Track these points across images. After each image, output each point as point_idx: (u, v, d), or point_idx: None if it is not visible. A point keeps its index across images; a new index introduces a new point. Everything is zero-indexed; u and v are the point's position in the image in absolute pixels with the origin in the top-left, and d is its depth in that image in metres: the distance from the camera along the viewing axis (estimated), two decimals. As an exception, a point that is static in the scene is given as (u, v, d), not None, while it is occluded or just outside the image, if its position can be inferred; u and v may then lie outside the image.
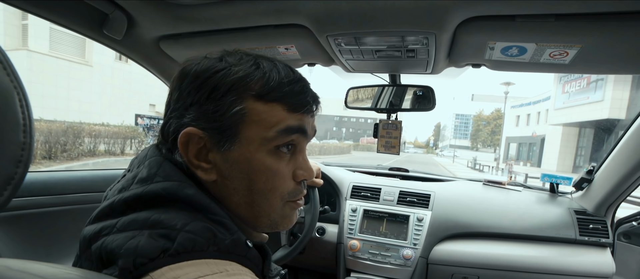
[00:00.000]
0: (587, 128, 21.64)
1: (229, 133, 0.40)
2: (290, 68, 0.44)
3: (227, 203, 0.43)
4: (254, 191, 0.42)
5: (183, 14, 0.78)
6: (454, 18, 0.65)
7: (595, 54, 0.69)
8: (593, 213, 1.25)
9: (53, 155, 7.96)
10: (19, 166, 0.27)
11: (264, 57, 0.44)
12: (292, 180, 0.46)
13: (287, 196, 0.45)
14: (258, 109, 0.41)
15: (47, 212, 0.97)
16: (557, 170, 21.01)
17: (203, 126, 0.40)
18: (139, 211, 0.37)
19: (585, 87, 19.38)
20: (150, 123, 13.36)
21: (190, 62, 0.43)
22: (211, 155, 0.41)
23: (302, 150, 0.47)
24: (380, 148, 1.14)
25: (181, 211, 0.37)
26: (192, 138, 0.40)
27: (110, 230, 0.37)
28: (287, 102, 0.42)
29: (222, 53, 0.44)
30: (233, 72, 0.40)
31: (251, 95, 0.40)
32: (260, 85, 0.41)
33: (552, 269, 1.16)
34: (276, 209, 0.45)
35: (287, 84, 0.42)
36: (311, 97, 0.45)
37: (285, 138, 0.42)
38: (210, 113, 0.40)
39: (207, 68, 0.41)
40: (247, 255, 0.39)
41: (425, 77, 1.02)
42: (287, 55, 0.91)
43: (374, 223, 1.34)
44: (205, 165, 0.41)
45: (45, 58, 12.62)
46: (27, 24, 12.22)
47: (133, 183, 0.40)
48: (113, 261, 0.34)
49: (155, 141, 0.47)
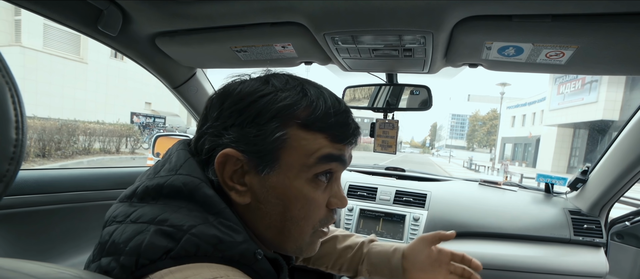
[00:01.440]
0: (581, 129, 21.88)
1: (269, 158, 0.40)
2: (336, 98, 0.44)
3: (256, 226, 0.43)
4: (287, 217, 0.42)
5: (179, 11, 0.77)
6: (451, 17, 0.65)
7: (591, 55, 0.70)
8: (587, 213, 1.26)
9: (47, 153, 7.89)
10: (10, 163, 0.27)
11: (310, 83, 0.43)
12: (325, 207, 0.45)
13: (318, 225, 0.45)
14: (300, 136, 0.40)
15: (40, 211, 0.96)
16: (552, 171, 21.20)
17: (242, 148, 0.39)
18: (154, 201, 0.38)
19: (580, 88, 19.59)
20: (146, 122, 13.30)
21: (234, 81, 0.43)
22: (247, 178, 0.41)
23: (338, 179, 0.47)
24: (377, 147, 1.14)
25: (193, 211, 0.37)
26: (229, 159, 0.40)
27: (124, 218, 0.37)
28: (330, 133, 0.41)
29: (268, 74, 0.43)
30: (280, 99, 0.40)
31: (296, 123, 0.40)
32: (306, 114, 0.40)
33: (547, 268, 1.17)
34: (305, 237, 0.44)
35: (333, 115, 0.41)
36: (354, 129, 0.45)
37: (325, 166, 0.42)
38: (251, 137, 0.39)
39: (253, 91, 0.40)
40: (254, 267, 0.38)
41: (422, 77, 1.02)
42: (283, 54, 0.90)
43: (371, 223, 1.34)
44: (240, 187, 0.41)
45: (39, 55, 12.50)
46: (20, 20, 12.09)
47: (161, 169, 0.41)
48: (114, 252, 0.34)
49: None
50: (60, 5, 0.74)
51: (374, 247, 0.74)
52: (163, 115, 16.90)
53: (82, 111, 13.27)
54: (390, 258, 0.70)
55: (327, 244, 0.76)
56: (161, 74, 1.10)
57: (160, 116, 16.63)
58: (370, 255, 0.73)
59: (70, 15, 0.77)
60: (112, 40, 0.88)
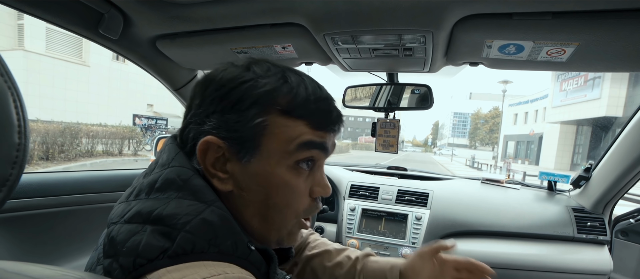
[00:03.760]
0: (584, 126, 21.76)
1: (250, 145, 0.40)
2: (318, 85, 0.44)
3: (241, 215, 0.42)
4: (269, 205, 0.42)
5: (179, 13, 0.77)
6: (451, 16, 0.65)
7: (592, 52, 0.69)
8: (591, 210, 1.25)
9: (50, 156, 7.93)
10: (14, 167, 0.27)
11: (291, 70, 0.43)
12: (309, 196, 0.45)
13: (302, 214, 0.45)
14: (281, 122, 0.40)
15: (43, 214, 0.96)
16: (555, 168, 21.11)
17: (223, 135, 0.40)
18: (147, 196, 0.38)
19: (583, 84, 19.48)
20: (148, 124, 13.34)
21: (216, 69, 0.42)
22: (229, 166, 0.41)
23: (321, 167, 0.47)
24: (378, 147, 1.14)
25: (184, 200, 0.37)
26: (211, 146, 0.40)
27: (119, 218, 0.37)
28: (311, 120, 0.41)
29: (250, 61, 0.43)
30: (260, 85, 0.40)
31: (277, 110, 0.40)
32: (286, 101, 0.40)
33: (550, 267, 1.16)
34: (288, 225, 0.44)
35: (314, 102, 0.41)
36: (336, 116, 0.44)
37: (306, 153, 0.41)
38: (232, 123, 0.39)
39: (234, 77, 0.40)
40: (249, 258, 0.39)
41: (422, 76, 1.02)
42: (284, 54, 0.90)
43: (373, 222, 1.34)
44: (222, 174, 0.41)
45: (42, 59, 12.57)
46: (23, 24, 12.16)
47: (155, 167, 0.41)
48: (113, 254, 0.35)
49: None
50: (62, 9, 0.74)
51: (368, 264, 0.68)
52: (165, 116, 16.96)
53: (84, 114, 13.32)
54: (386, 274, 0.65)
55: (316, 260, 0.70)
56: (162, 76, 1.10)
57: (162, 118, 16.69)
58: (365, 273, 0.67)
59: (72, 19, 0.77)
60: (113, 43, 0.89)
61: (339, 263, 0.69)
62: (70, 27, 0.80)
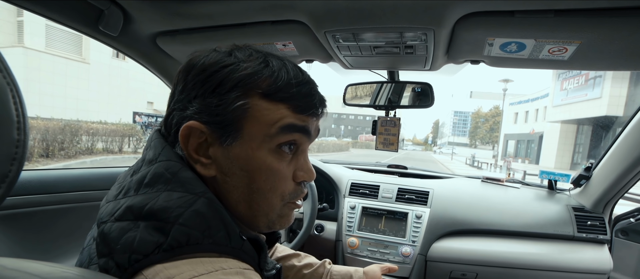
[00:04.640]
0: (585, 125, 21.74)
1: (231, 129, 0.40)
2: (299, 69, 0.44)
3: (226, 201, 0.42)
4: (253, 189, 0.42)
5: (179, 10, 0.77)
6: (453, 14, 0.65)
7: (594, 50, 0.69)
8: (591, 209, 1.25)
9: (50, 153, 7.93)
10: (13, 164, 0.27)
11: (273, 55, 0.43)
12: (292, 180, 0.45)
13: (288, 198, 0.45)
14: (262, 106, 0.40)
15: (43, 211, 0.97)
16: (555, 167, 21.13)
17: (205, 120, 0.39)
18: (135, 193, 0.38)
19: (584, 84, 19.44)
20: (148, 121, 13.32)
21: (198, 54, 0.42)
22: (212, 150, 0.41)
23: (304, 151, 0.47)
24: (379, 145, 1.14)
25: (174, 191, 0.37)
26: (193, 131, 0.40)
27: (110, 217, 0.37)
28: (293, 103, 0.41)
29: (232, 47, 0.43)
30: (241, 68, 0.40)
31: (258, 93, 0.40)
32: (267, 84, 0.40)
33: (550, 266, 1.16)
34: (275, 209, 0.44)
35: (295, 85, 0.41)
36: (318, 100, 0.44)
37: (287, 137, 0.41)
38: (213, 107, 0.39)
39: (215, 61, 0.40)
40: (243, 248, 0.39)
41: (423, 74, 1.02)
42: (284, 52, 0.90)
43: (373, 221, 1.34)
44: (205, 160, 0.41)
45: (42, 56, 12.54)
46: (23, 21, 12.12)
47: (142, 164, 0.41)
48: (108, 252, 0.35)
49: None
50: (61, 6, 0.74)
51: (334, 267, 0.81)
52: (165, 114, 16.89)
53: (84, 111, 13.31)
54: (352, 274, 0.78)
55: (286, 260, 0.79)
56: (162, 73, 1.10)
57: (162, 115, 16.60)
58: (332, 273, 0.79)
59: (72, 15, 0.77)
60: (113, 40, 0.88)
61: (308, 263, 0.79)
62: (70, 24, 0.79)
